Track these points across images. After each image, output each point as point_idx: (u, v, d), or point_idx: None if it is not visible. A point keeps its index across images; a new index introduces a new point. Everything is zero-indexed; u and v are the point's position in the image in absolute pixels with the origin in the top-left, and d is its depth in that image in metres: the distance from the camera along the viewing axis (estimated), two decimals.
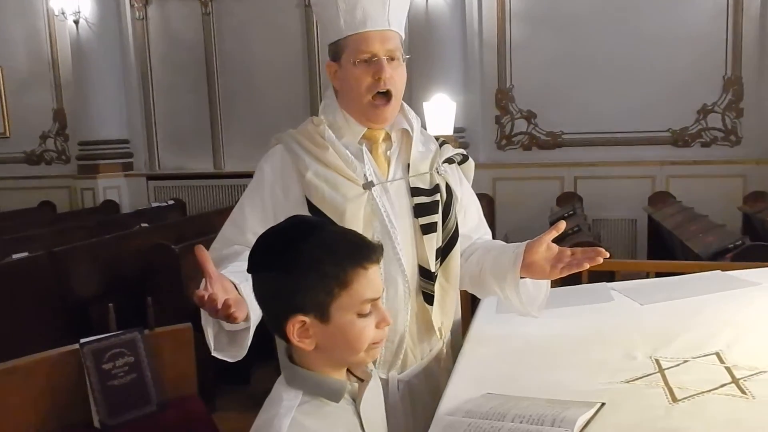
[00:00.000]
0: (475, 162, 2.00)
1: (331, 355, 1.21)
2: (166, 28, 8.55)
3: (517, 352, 1.79)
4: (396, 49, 1.72)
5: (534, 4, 7.30)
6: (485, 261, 1.83)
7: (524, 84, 7.38)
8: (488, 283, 1.82)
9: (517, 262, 1.71)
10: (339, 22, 1.70)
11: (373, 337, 1.21)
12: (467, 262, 1.87)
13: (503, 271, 1.75)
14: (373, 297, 1.20)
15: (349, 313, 1.18)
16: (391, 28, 1.72)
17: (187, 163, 8.53)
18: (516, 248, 1.74)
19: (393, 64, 1.71)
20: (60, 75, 8.86)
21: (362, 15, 1.68)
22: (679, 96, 6.95)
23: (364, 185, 1.71)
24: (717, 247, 4.46)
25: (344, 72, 1.73)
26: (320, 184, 1.69)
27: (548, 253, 1.68)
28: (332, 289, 1.16)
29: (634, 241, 7.15)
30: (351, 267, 1.17)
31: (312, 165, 1.71)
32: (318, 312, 1.17)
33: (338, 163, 1.71)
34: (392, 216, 1.72)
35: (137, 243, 4.88)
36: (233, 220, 1.78)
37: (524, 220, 7.07)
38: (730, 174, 6.88)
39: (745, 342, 1.67)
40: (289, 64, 8.03)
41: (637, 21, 6.95)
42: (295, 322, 1.17)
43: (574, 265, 1.64)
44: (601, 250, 1.62)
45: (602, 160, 7.14)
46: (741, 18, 6.81)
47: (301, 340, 1.19)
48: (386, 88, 1.70)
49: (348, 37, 1.70)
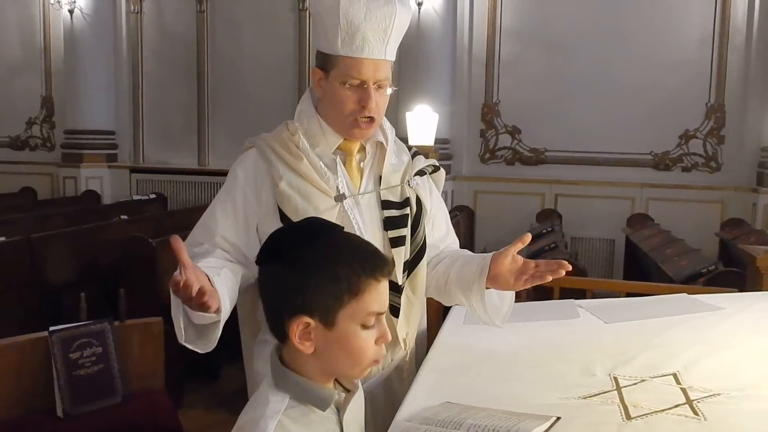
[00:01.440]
0: (457, 174, 2.03)
1: (326, 363, 1.19)
2: (160, 23, 8.54)
3: (479, 363, 1.81)
4: (386, 79, 1.72)
5: (524, 23, 7.37)
6: (452, 270, 1.84)
7: (510, 100, 7.44)
8: (454, 292, 1.83)
9: (483, 273, 1.72)
10: (336, 38, 1.68)
11: (373, 355, 1.20)
12: (434, 270, 1.89)
13: (469, 282, 1.76)
14: (380, 311, 1.19)
15: (354, 323, 1.17)
16: (386, 58, 1.72)
17: (172, 158, 8.51)
18: (482, 259, 1.76)
19: (379, 92, 1.72)
20: (51, 63, 8.83)
21: (361, 42, 1.67)
22: (662, 120, 7.04)
23: (336, 197, 1.72)
24: (690, 271, 4.52)
25: (330, 87, 1.73)
26: (293, 194, 1.69)
27: (513, 265, 1.69)
28: (342, 295, 1.15)
29: (611, 261, 7.21)
30: (365, 276, 1.16)
31: (285, 174, 1.71)
32: (323, 316, 1.15)
33: (312, 174, 1.71)
34: (363, 228, 1.73)
35: (115, 234, 4.87)
36: (204, 223, 1.77)
37: (504, 234, 7.10)
38: (709, 199, 6.96)
39: (702, 364, 1.71)
40: (280, 67, 8.04)
41: (625, 45, 7.04)
42: (300, 322, 1.15)
43: (537, 277, 1.65)
44: (563, 263, 1.63)
45: (583, 178, 7.21)
46: (726, 47, 6.91)
47: (301, 342, 1.16)
48: (370, 115, 1.71)
49: (342, 56, 1.69)
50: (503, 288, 1.74)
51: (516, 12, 7.38)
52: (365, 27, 1.66)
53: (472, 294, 1.76)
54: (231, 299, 1.58)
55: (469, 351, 1.89)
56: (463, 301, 1.83)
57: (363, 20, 1.66)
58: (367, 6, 1.66)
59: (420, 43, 7.00)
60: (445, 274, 1.86)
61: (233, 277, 1.63)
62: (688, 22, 6.95)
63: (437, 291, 1.90)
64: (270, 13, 8.02)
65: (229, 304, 1.55)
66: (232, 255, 1.72)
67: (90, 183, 8.22)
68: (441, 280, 1.87)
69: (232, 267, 1.67)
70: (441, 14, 7.11)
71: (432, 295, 1.93)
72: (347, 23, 1.65)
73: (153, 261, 4.21)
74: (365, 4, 1.66)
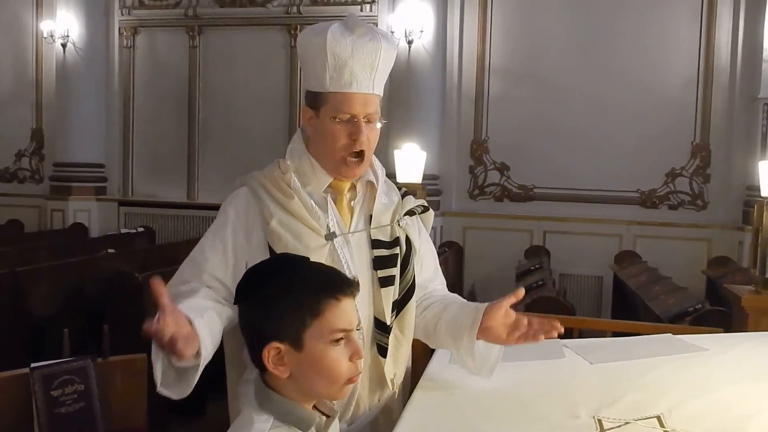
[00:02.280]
0: (446, 210, 2.06)
1: (304, 385, 1.25)
2: (152, 58, 8.61)
3: (464, 403, 1.80)
4: (375, 113, 1.74)
5: (513, 62, 7.48)
6: (442, 317, 1.85)
7: (499, 136, 7.52)
8: (443, 338, 1.85)
9: (475, 325, 1.74)
10: (324, 76, 1.71)
11: (347, 372, 1.25)
12: (423, 314, 1.89)
13: (460, 332, 1.77)
14: (345, 328, 1.25)
15: (322, 342, 1.23)
16: (374, 92, 1.75)
17: (161, 191, 8.51)
18: (475, 311, 1.77)
19: (369, 126, 1.73)
20: (42, 95, 8.85)
21: (349, 77, 1.70)
22: (649, 158, 7.12)
23: (326, 236, 1.72)
24: (677, 310, 4.54)
25: (321, 124, 1.74)
26: (284, 233, 1.70)
27: (506, 319, 1.73)
28: (304, 317, 1.22)
29: (599, 298, 7.22)
30: (324, 297, 1.24)
31: (277, 213, 1.71)
32: (292, 340, 1.23)
33: (302, 212, 1.72)
34: (352, 267, 1.73)
35: (101, 268, 4.85)
36: (192, 260, 1.76)
37: (492, 270, 7.13)
38: (696, 237, 7.02)
39: (686, 407, 1.71)
40: (271, 103, 8.10)
41: (612, 84, 7.15)
42: (271, 348, 1.23)
43: (530, 336, 1.71)
44: (556, 324, 1.70)
45: (572, 215, 7.26)
46: (711, 88, 7.04)
47: (276, 367, 1.24)
48: (360, 149, 1.72)
49: (331, 93, 1.71)
50: (494, 341, 1.77)
51: (505, 50, 7.49)
52: (352, 62, 1.69)
53: (461, 344, 1.78)
54: (213, 342, 1.57)
55: (454, 391, 1.88)
56: (451, 348, 1.85)
57: (350, 56, 1.69)
58: (354, 42, 1.70)
59: (410, 80, 7.10)
60: (435, 318, 1.86)
61: (217, 318, 1.63)
62: (674, 63, 7.09)
63: (425, 335, 1.91)
64: (262, 49, 8.11)
65: (210, 347, 1.54)
66: (219, 294, 1.71)
67: (78, 216, 8.19)
68: (430, 324, 1.87)
69: (217, 308, 1.66)
70: (431, 51, 7.22)
71: (420, 337, 1.94)
72: (335, 59, 1.69)
73: (139, 295, 4.18)
74: (351, 40, 1.70)
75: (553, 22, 7.31)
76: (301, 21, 7.82)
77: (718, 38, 7.00)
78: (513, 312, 1.74)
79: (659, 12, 7.08)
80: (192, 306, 1.57)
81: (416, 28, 7.13)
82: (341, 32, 1.70)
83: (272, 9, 8.13)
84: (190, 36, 8.40)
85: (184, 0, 8.39)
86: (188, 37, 8.42)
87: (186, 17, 8.36)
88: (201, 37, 8.40)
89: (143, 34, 8.59)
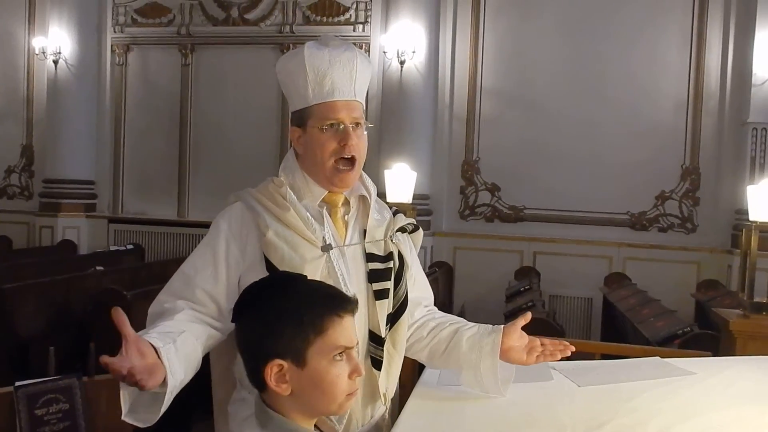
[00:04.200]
0: (437, 230, 2.11)
1: (305, 402, 1.27)
2: (144, 75, 8.62)
3: (451, 426, 1.79)
4: (360, 117, 1.78)
5: (505, 83, 7.53)
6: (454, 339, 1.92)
7: (490, 157, 7.55)
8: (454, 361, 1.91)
9: (496, 348, 1.86)
10: (307, 92, 1.76)
11: (347, 388, 1.28)
12: (429, 336, 1.95)
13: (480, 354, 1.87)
14: (347, 345, 1.28)
15: (324, 359, 1.26)
16: (357, 99, 1.79)
17: (151, 209, 8.49)
18: (494, 333, 1.88)
19: (357, 132, 1.77)
20: (33, 112, 8.84)
21: (331, 86, 1.75)
22: (639, 181, 7.17)
23: (322, 248, 1.73)
24: (666, 333, 4.55)
25: (309, 137, 1.77)
26: (280, 244, 1.70)
27: (521, 341, 1.89)
28: (308, 335, 1.25)
29: (588, 319, 7.22)
30: (327, 315, 1.26)
31: (273, 224, 1.73)
32: (294, 357, 1.25)
33: (298, 224, 1.73)
34: (347, 280, 1.75)
35: (89, 286, 4.82)
36: (183, 274, 1.76)
37: (482, 291, 7.13)
38: (685, 260, 7.04)
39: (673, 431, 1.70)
40: (262, 122, 8.11)
41: (603, 107, 7.21)
42: (273, 366, 1.25)
43: (548, 355, 1.89)
44: (567, 344, 1.90)
45: (562, 237, 7.28)
46: (700, 112, 7.10)
47: (278, 384, 1.25)
48: (351, 154, 1.75)
49: (315, 105, 1.76)
50: (515, 362, 1.90)
51: (497, 72, 7.55)
52: (332, 71, 1.75)
53: (483, 365, 1.87)
54: (186, 368, 1.54)
55: (441, 413, 1.87)
56: (463, 370, 1.91)
57: (329, 66, 1.75)
58: (330, 53, 1.77)
59: (402, 100, 7.14)
60: (446, 341, 1.93)
61: (194, 341, 1.61)
62: (664, 87, 7.16)
63: (429, 356, 1.97)
64: (254, 67, 8.13)
65: (181, 374, 1.51)
66: (206, 310, 1.70)
67: (67, 233, 8.15)
68: (439, 346, 1.94)
69: (197, 329, 1.64)
70: (423, 72, 7.26)
71: (421, 358, 2.00)
72: (315, 73, 1.74)
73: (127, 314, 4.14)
74: (328, 51, 1.77)
75: (544, 44, 7.38)
76: (294, 40, 7.86)
77: (708, 63, 7.08)
78: (525, 334, 1.89)
79: (650, 36, 7.16)
80: (166, 330, 1.55)
81: (408, 48, 7.17)
82: (317, 47, 1.78)
83: (265, 28, 8.17)
84: (182, 54, 8.43)
85: (177, 18, 8.42)
86: (181, 55, 8.44)
87: (179, 35, 8.39)
88: (193, 55, 8.42)
89: (135, 51, 8.61)
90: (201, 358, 1.64)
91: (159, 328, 1.53)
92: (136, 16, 8.54)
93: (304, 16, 8.07)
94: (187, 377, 1.56)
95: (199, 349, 1.63)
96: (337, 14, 7.91)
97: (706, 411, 1.85)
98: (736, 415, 1.84)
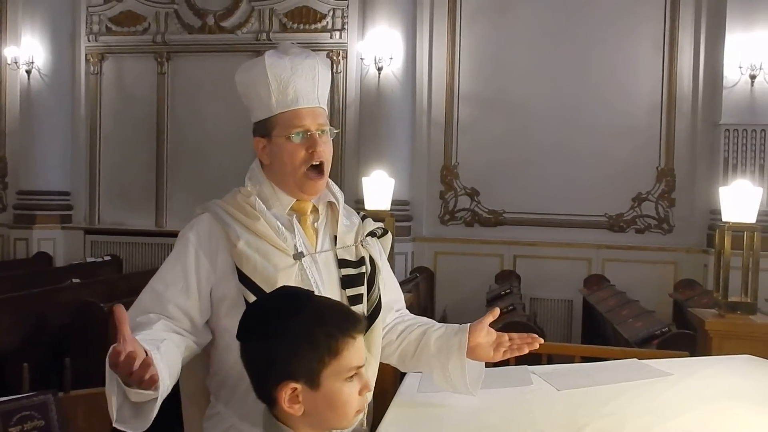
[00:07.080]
0: (417, 235, 2.09)
1: (316, 421, 1.27)
2: (120, 84, 8.55)
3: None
4: (325, 123, 1.79)
5: (482, 88, 7.57)
6: (423, 341, 1.89)
7: (469, 162, 7.58)
8: (425, 362, 1.89)
9: (463, 346, 1.82)
10: (270, 101, 1.76)
11: (358, 405, 1.28)
12: (399, 338, 1.92)
13: (448, 353, 1.84)
14: (359, 365, 1.28)
15: (338, 380, 1.25)
16: (320, 105, 1.80)
17: (128, 219, 8.41)
18: (460, 332, 1.85)
19: (323, 138, 1.77)
20: (6, 123, 8.72)
21: (294, 94, 1.75)
22: (616, 183, 7.24)
23: (294, 256, 1.72)
24: (645, 334, 4.59)
25: (276, 147, 1.77)
26: (252, 254, 1.69)
27: (488, 338, 1.84)
28: (323, 357, 1.23)
29: (569, 321, 7.27)
30: (342, 336, 1.25)
31: (243, 234, 1.71)
32: (308, 379, 1.24)
33: (269, 233, 1.72)
34: (321, 287, 1.74)
35: (66, 299, 4.76)
36: (152, 289, 1.73)
37: (463, 295, 7.14)
38: (662, 260, 7.11)
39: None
40: (240, 130, 8.01)
41: (579, 111, 7.28)
42: (287, 388, 1.24)
43: (515, 350, 1.84)
44: (536, 336, 1.84)
45: (541, 240, 7.32)
46: (674, 114, 7.20)
47: (291, 406, 1.24)
48: (320, 160, 1.75)
49: (279, 114, 1.76)
50: (482, 359, 1.86)
51: (474, 77, 7.59)
52: (295, 79, 1.75)
53: (451, 365, 1.84)
54: (171, 374, 1.52)
55: (420, 421, 1.87)
56: (432, 371, 1.89)
57: (291, 73, 1.75)
58: (291, 61, 1.77)
59: (380, 107, 7.15)
60: (415, 343, 1.91)
61: (175, 350, 1.59)
62: (639, 90, 7.25)
63: (400, 359, 1.94)
64: (230, 76, 7.78)
65: (168, 380, 1.49)
66: (179, 324, 1.68)
67: (42, 245, 8.05)
68: (409, 348, 1.91)
69: (176, 339, 1.62)
70: (400, 78, 7.28)
71: (393, 362, 1.96)
72: (277, 81, 1.75)
73: (104, 327, 4.11)
74: (289, 59, 1.77)
75: (520, 50, 7.43)
76: (271, 47, 7.78)
77: (681, 66, 7.19)
78: (493, 330, 1.85)
79: (623, 41, 7.25)
80: (148, 337, 1.53)
81: (386, 55, 7.19)
82: (278, 55, 1.79)
83: (242, 36, 8.15)
84: (158, 62, 8.38)
85: (152, 26, 8.37)
86: (156, 64, 8.38)
87: (154, 43, 8.34)
88: (169, 63, 8.37)
89: (110, 60, 8.54)
90: (180, 369, 1.61)
91: (140, 336, 1.49)
92: (110, 24, 8.48)
93: (280, 24, 8.06)
94: (170, 386, 1.54)
95: (179, 359, 1.61)
96: (314, 21, 7.91)
97: (683, 412, 1.87)
98: (712, 415, 1.86)
